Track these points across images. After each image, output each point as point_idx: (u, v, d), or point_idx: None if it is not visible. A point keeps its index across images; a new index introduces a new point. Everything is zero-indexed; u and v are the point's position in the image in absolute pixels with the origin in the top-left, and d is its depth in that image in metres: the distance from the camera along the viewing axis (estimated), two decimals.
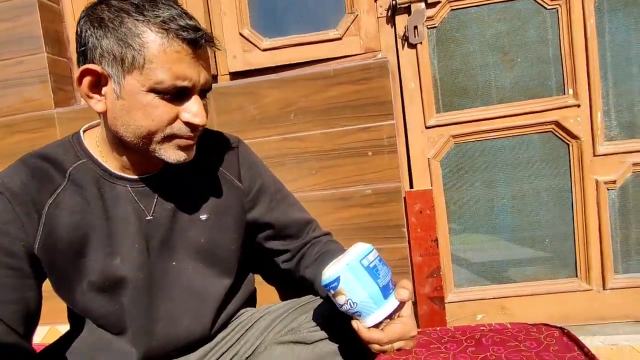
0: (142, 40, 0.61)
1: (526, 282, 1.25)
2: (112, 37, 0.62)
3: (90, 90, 0.66)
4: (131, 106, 0.65)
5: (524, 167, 1.23)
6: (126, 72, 0.63)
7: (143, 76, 0.63)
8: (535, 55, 1.21)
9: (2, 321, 0.65)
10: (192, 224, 0.80)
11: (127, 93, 0.64)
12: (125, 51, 0.62)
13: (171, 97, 0.65)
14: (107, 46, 0.62)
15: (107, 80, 0.65)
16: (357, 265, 0.63)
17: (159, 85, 0.63)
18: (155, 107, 0.65)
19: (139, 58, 0.62)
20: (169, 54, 0.62)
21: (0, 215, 0.65)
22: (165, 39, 0.62)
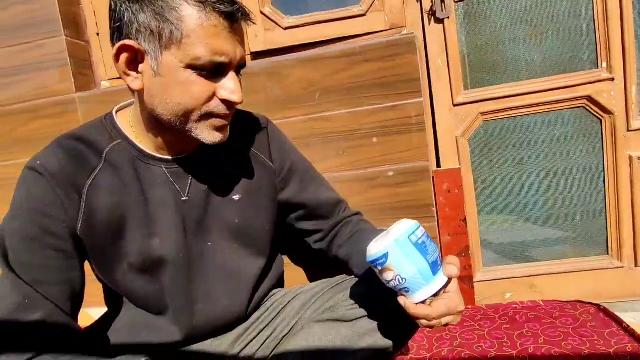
0: (179, 14, 0.60)
1: (556, 260, 1.24)
2: (149, 11, 0.60)
3: (127, 68, 0.65)
4: (169, 83, 0.63)
5: (554, 144, 1.21)
6: (164, 47, 0.61)
7: (181, 51, 0.61)
8: (566, 28, 1.17)
9: (52, 302, 0.65)
10: (226, 205, 0.80)
11: (164, 69, 0.63)
12: (163, 26, 0.60)
13: (208, 74, 0.64)
14: (144, 21, 0.60)
15: (144, 56, 0.63)
16: (405, 241, 0.62)
17: (197, 61, 0.61)
18: (193, 83, 0.63)
19: (177, 33, 0.60)
20: (206, 28, 0.61)
21: (42, 197, 0.65)
22: (202, 13, 0.60)
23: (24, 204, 0.65)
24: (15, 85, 1.31)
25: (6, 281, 0.65)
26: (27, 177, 0.66)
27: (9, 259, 0.65)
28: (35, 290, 0.64)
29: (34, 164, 0.66)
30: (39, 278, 0.64)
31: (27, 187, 0.66)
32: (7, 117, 1.33)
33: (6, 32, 1.28)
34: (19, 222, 0.65)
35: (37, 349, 0.62)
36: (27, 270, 0.64)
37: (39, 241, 0.64)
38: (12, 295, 0.63)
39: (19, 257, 0.64)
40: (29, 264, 0.64)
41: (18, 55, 1.29)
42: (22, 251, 0.64)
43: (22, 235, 0.64)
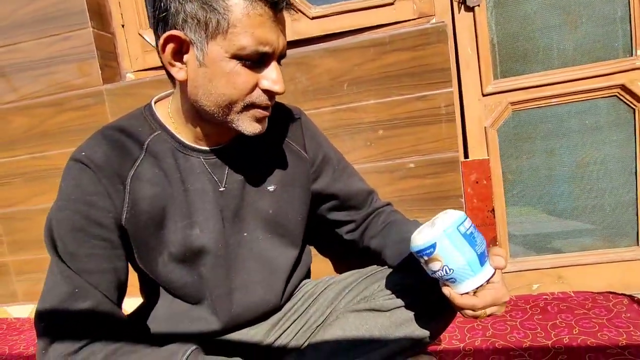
0: (226, 4, 0.59)
1: (584, 252, 1.23)
2: (196, 1, 0.60)
3: (172, 58, 0.65)
4: (214, 74, 0.63)
5: (586, 134, 1.19)
6: (210, 37, 0.61)
7: (227, 41, 0.61)
8: (601, 14, 1.14)
9: (99, 290, 0.66)
10: (261, 195, 0.81)
11: (210, 60, 0.63)
12: (210, 15, 0.60)
13: (252, 64, 0.64)
14: (191, 10, 0.60)
15: (189, 47, 0.63)
16: (454, 231, 0.62)
17: (242, 51, 0.61)
18: (237, 74, 0.64)
19: (224, 22, 0.60)
20: (252, 17, 0.60)
21: (87, 187, 0.66)
22: (248, 2, 0.60)
23: (70, 195, 0.66)
24: (43, 78, 1.32)
25: (56, 270, 0.66)
26: (73, 168, 0.67)
27: (57, 248, 0.66)
28: (85, 280, 0.65)
29: (79, 155, 0.67)
30: (87, 267, 0.65)
31: (74, 178, 0.67)
32: (35, 109, 1.34)
33: (33, 25, 1.29)
34: (66, 213, 0.66)
35: (88, 338, 0.63)
36: (76, 259, 0.65)
37: (86, 231, 0.65)
38: (62, 284, 0.65)
39: (68, 247, 0.65)
40: (77, 253, 0.65)
41: (45, 48, 1.30)
42: (71, 241, 0.65)
43: (70, 226, 0.65)
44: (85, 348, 0.63)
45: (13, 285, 1.50)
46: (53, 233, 0.67)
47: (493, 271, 0.65)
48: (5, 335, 1.38)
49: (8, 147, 1.39)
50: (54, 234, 0.67)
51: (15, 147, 1.38)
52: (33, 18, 1.29)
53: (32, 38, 1.30)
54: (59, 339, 0.63)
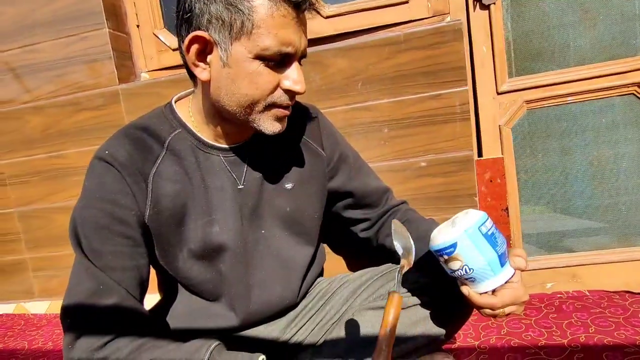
0: (250, 4, 0.60)
1: (599, 251, 1.23)
2: (221, 2, 0.60)
3: (196, 59, 0.66)
4: (237, 74, 0.64)
5: (602, 132, 1.18)
6: (234, 38, 0.62)
7: (250, 42, 0.62)
8: (619, 11, 1.13)
9: (123, 287, 0.67)
10: (279, 193, 0.81)
11: (233, 60, 0.63)
12: (235, 16, 0.60)
13: (274, 64, 0.65)
14: (216, 11, 0.61)
15: (213, 47, 0.64)
16: (475, 232, 0.62)
17: (265, 52, 0.62)
18: (260, 74, 0.64)
19: (248, 23, 0.60)
20: (275, 18, 0.61)
21: (112, 185, 0.67)
22: (272, 2, 0.60)
23: (95, 193, 0.67)
24: (61, 78, 1.34)
25: (81, 267, 0.68)
26: (97, 167, 0.69)
27: (82, 246, 0.68)
28: (109, 277, 0.66)
29: (103, 153, 0.68)
30: (111, 264, 0.67)
31: (98, 177, 0.68)
32: (53, 109, 1.36)
33: (52, 26, 1.30)
34: (90, 211, 0.67)
35: (113, 333, 0.64)
36: (100, 257, 0.67)
37: (110, 229, 0.67)
38: (87, 281, 0.66)
39: (92, 245, 0.67)
40: (101, 250, 0.67)
41: (63, 48, 1.32)
42: (95, 239, 0.67)
43: (94, 224, 0.67)
44: (110, 343, 0.64)
45: (30, 281, 1.53)
46: (78, 231, 0.68)
47: (513, 272, 0.65)
48: (23, 331, 1.41)
49: (26, 147, 1.41)
50: (78, 232, 0.68)
51: (33, 146, 1.41)
52: (51, 18, 1.30)
53: (50, 39, 1.32)
54: (84, 334, 0.64)
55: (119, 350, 0.64)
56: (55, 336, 1.34)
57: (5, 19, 1.33)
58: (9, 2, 1.31)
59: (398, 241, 0.67)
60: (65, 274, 1.48)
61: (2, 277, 1.54)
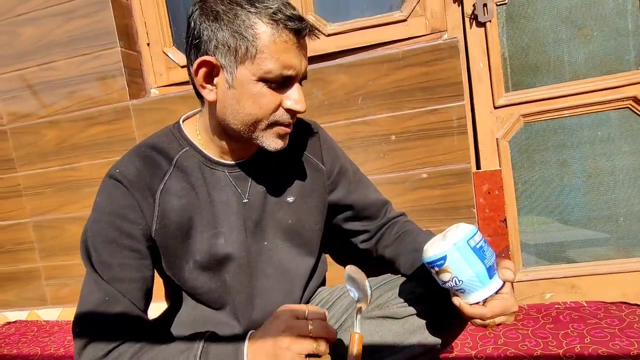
0: (254, 32, 0.64)
1: (598, 262, 1.24)
2: (227, 29, 0.65)
3: (204, 81, 0.70)
4: (241, 95, 0.68)
5: (598, 145, 1.20)
6: (239, 62, 0.66)
7: (254, 66, 0.66)
8: (612, 28, 1.16)
9: (128, 299, 0.71)
10: (281, 206, 0.85)
11: (238, 83, 0.68)
12: (240, 42, 0.65)
13: (276, 86, 0.69)
14: (222, 38, 0.65)
15: (220, 70, 0.69)
16: (464, 245, 0.65)
17: (268, 75, 0.66)
18: (263, 95, 0.68)
19: (252, 49, 0.65)
20: (278, 43, 0.65)
21: (120, 201, 0.71)
22: (275, 30, 0.65)
23: (105, 209, 0.72)
24: (75, 94, 1.41)
25: (90, 279, 0.72)
26: (108, 184, 0.73)
27: (91, 258, 0.72)
28: (115, 288, 0.70)
29: (114, 172, 0.73)
30: (119, 276, 0.71)
31: (108, 193, 0.72)
32: (68, 123, 1.42)
33: (67, 45, 1.37)
34: (100, 225, 0.71)
35: (117, 341, 0.68)
36: (109, 268, 0.70)
37: (118, 243, 0.70)
38: (95, 292, 0.70)
39: (101, 257, 0.71)
40: (109, 263, 0.70)
41: (78, 66, 1.38)
42: (104, 251, 0.71)
43: (104, 237, 0.71)
44: (114, 350, 0.68)
45: (43, 289, 1.58)
46: (88, 244, 0.72)
47: (502, 283, 0.68)
48: (36, 337, 1.46)
49: (41, 159, 1.48)
50: (88, 245, 0.72)
51: (47, 159, 1.47)
52: (66, 38, 1.37)
53: (65, 57, 1.38)
54: (91, 342, 0.68)
55: (122, 356, 0.67)
56: (67, 342, 1.39)
57: (25, 38, 1.40)
58: (28, 22, 1.39)
59: (352, 286, 0.70)
60: (75, 282, 1.54)
61: (17, 284, 1.60)
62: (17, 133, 1.48)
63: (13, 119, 1.48)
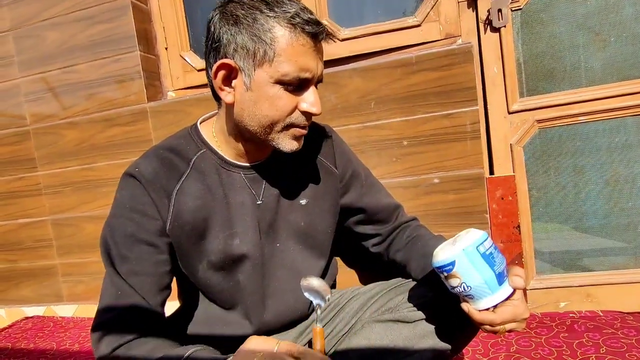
0: (273, 35, 0.66)
1: (614, 271, 1.22)
2: (246, 33, 0.67)
3: (222, 83, 0.72)
4: (259, 97, 0.70)
5: (615, 152, 1.18)
6: (257, 65, 0.68)
7: (272, 69, 0.67)
8: (630, 33, 1.15)
9: (140, 293, 0.73)
10: (294, 208, 0.86)
11: (256, 85, 0.69)
12: (258, 46, 0.67)
13: (293, 88, 0.70)
14: (241, 42, 0.67)
15: (238, 73, 0.70)
16: (473, 251, 0.64)
17: (285, 77, 0.68)
18: (280, 98, 0.70)
19: (270, 52, 0.66)
20: (295, 47, 0.67)
21: (138, 198, 0.74)
22: (293, 33, 0.66)
23: (125, 205, 0.74)
24: (95, 96, 1.45)
25: (107, 277, 0.74)
26: (127, 182, 0.75)
27: (110, 252, 0.74)
28: (129, 283, 0.72)
29: (133, 170, 0.75)
30: (135, 269, 0.73)
31: (127, 190, 0.75)
32: (87, 124, 1.47)
33: (89, 49, 1.42)
34: (119, 220, 0.74)
35: (130, 335, 0.70)
36: (126, 261, 0.73)
37: (136, 237, 0.73)
38: (110, 288, 0.73)
39: (120, 250, 0.73)
40: (127, 256, 0.73)
41: (98, 69, 1.42)
42: (123, 245, 0.73)
43: (123, 231, 0.73)
44: (126, 345, 0.70)
45: (59, 285, 1.62)
46: (107, 238, 0.74)
47: (512, 291, 0.67)
48: (52, 333, 1.49)
49: (61, 159, 1.52)
50: (108, 239, 0.74)
51: (67, 159, 1.51)
52: (88, 42, 1.42)
53: (86, 60, 1.43)
54: (104, 336, 0.71)
55: (131, 350, 0.70)
56: (81, 338, 1.42)
57: (48, 43, 1.45)
58: (52, 27, 1.44)
59: (309, 294, 0.73)
60: (91, 279, 1.57)
61: (35, 280, 1.64)
62: (39, 133, 1.53)
63: (36, 119, 1.53)
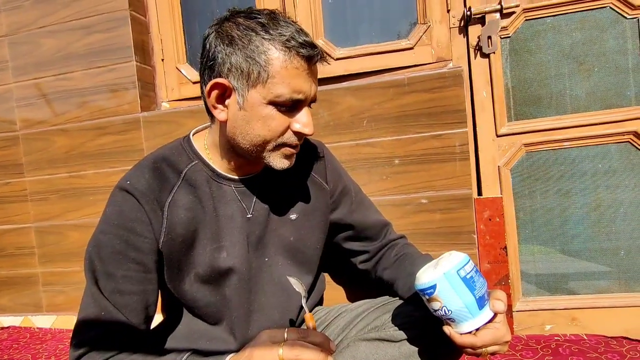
0: (267, 57, 0.67)
1: (599, 295, 1.23)
2: (241, 54, 0.67)
3: (216, 102, 0.73)
4: (251, 117, 0.71)
5: (599, 177, 1.22)
6: (251, 86, 0.69)
7: (265, 90, 0.68)
8: (613, 64, 1.20)
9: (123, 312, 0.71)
10: (283, 223, 0.86)
11: (249, 105, 0.70)
12: (252, 67, 0.67)
13: (286, 109, 0.71)
14: (236, 62, 0.68)
15: (232, 92, 0.71)
16: (454, 275, 0.65)
17: (278, 99, 0.68)
18: (272, 118, 0.70)
19: (264, 74, 0.67)
20: (289, 69, 0.68)
21: (129, 214, 0.72)
22: (287, 56, 0.67)
23: (113, 220, 0.72)
24: (88, 104, 1.44)
25: (89, 292, 0.72)
26: (118, 196, 0.74)
27: (95, 269, 0.72)
28: (113, 303, 0.71)
29: (125, 184, 0.74)
30: (120, 288, 0.71)
31: (118, 205, 0.73)
32: (79, 132, 1.46)
33: (85, 57, 1.43)
34: (108, 237, 0.72)
35: (109, 354, 0.69)
36: (112, 279, 0.71)
37: (124, 254, 0.71)
38: (92, 306, 0.71)
39: (106, 268, 0.71)
40: (113, 274, 0.71)
41: (93, 77, 1.43)
42: (109, 262, 0.71)
43: (111, 248, 0.71)
44: None
45: (39, 295, 1.57)
46: (93, 254, 0.73)
47: (492, 315, 0.67)
48: (28, 344, 1.44)
49: (49, 165, 1.50)
50: (93, 255, 0.73)
51: (55, 165, 1.50)
52: (85, 51, 1.42)
53: (82, 69, 1.43)
54: (84, 354, 0.69)
55: None
56: (59, 351, 1.37)
57: (45, 49, 1.46)
58: (50, 34, 1.45)
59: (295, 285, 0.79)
60: (72, 289, 1.53)
61: (14, 289, 1.60)
62: (29, 139, 1.52)
63: (26, 125, 1.52)
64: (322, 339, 0.68)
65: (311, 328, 0.71)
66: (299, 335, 0.67)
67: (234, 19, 0.70)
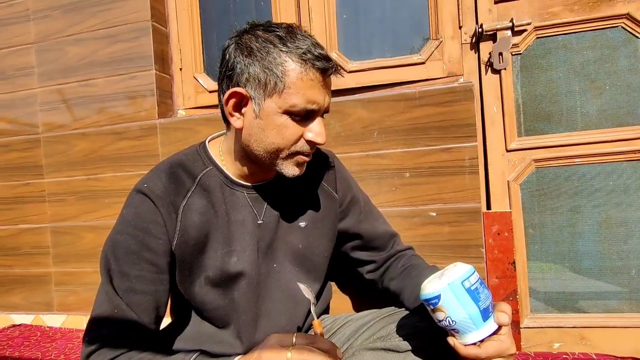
0: (284, 69, 0.70)
1: (609, 314, 1.21)
2: (259, 64, 0.71)
3: (233, 110, 0.76)
4: (266, 125, 0.73)
5: (611, 195, 1.21)
6: (267, 95, 0.72)
7: (281, 99, 0.71)
8: (625, 83, 1.20)
9: (135, 311, 0.74)
10: (293, 230, 0.88)
11: (264, 114, 0.73)
12: (269, 77, 0.70)
13: (300, 119, 0.74)
14: (254, 72, 0.71)
15: (248, 101, 0.74)
16: (459, 286, 0.65)
17: (293, 108, 0.71)
18: (286, 127, 0.73)
19: (280, 84, 0.70)
20: (305, 81, 0.70)
21: (145, 215, 0.75)
22: (303, 68, 0.70)
23: (130, 222, 0.75)
24: (108, 110, 1.50)
25: (103, 291, 0.75)
26: (135, 198, 0.77)
27: (110, 268, 0.75)
28: (126, 301, 0.73)
29: (142, 186, 0.77)
30: (133, 287, 0.74)
31: (134, 207, 0.76)
32: (98, 136, 1.51)
33: (108, 65, 1.49)
34: (124, 237, 0.75)
35: (120, 352, 0.71)
36: (126, 278, 0.74)
37: (138, 255, 0.74)
38: (106, 304, 0.73)
39: (121, 267, 0.74)
40: (127, 273, 0.74)
41: (114, 84, 1.48)
42: (124, 262, 0.74)
43: (126, 248, 0.74)
44: (119, 357, 0.71)
45: (51, 294, 1.61)
46: (109, 253, 0.76)
47: (496, 327, 0.67)
48: (39, 342, 1.47)
49: (68, 168, 1.55)
50: (109, 254, 0.75)
51: (74, 168, 1.55)
52: (108, 59, 1.49)
53: (104, 76, 1.49)
54: (95, 352, 0.71)
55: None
56: (68, 350, 1.40)
57: (70, 57, 1.52)
58: (76, 42, 1.51)
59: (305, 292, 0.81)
60: (84, 290, 1.56)
61: (27, 288, 1.64)
62: (50, 142, 1.57)
63: (48, 128, 1.58)
64: (330, 345, 0.69)
65: (319, 334, 0.72)
66: (307, 341, 0.68)
67: (254, 31, 0.73)
